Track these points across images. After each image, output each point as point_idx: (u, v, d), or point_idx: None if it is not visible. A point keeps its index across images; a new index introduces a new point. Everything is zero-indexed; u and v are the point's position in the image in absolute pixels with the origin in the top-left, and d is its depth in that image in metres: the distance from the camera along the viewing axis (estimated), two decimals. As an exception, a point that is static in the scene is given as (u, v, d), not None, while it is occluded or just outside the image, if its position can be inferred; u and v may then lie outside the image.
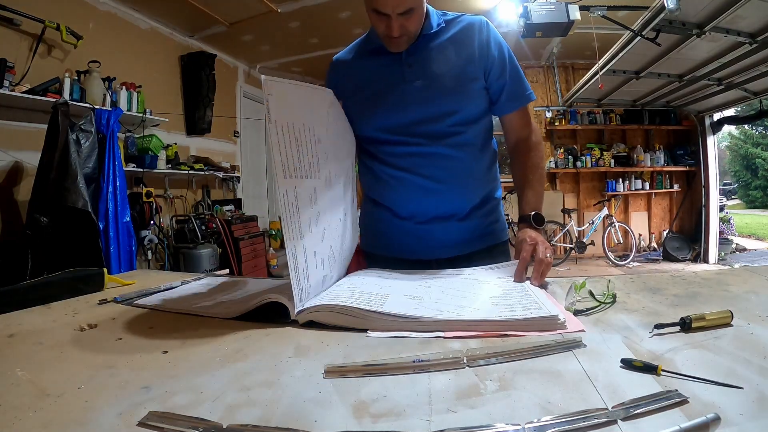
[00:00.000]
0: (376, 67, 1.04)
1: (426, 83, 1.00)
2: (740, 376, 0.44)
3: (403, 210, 1.07)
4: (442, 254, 1.06)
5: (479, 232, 1.09)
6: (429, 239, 1.06)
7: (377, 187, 1.10)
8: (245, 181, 5.33)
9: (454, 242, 1.07)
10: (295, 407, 0.42)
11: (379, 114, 1.03)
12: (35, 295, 0.82)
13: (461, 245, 1.07)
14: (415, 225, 1.06)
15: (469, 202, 1.07)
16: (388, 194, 1.08)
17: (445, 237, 1.06)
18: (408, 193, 1.04)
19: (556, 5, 2.98)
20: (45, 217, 2.34)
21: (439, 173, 1.02)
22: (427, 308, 0.66)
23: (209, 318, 0.71)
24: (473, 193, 1.07)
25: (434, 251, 1.06)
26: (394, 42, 0.97)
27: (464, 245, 1.07)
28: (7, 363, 0.54)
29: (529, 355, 0.52)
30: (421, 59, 1.01)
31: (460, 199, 1.05)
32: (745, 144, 15.34)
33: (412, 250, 1.07)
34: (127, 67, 3.55)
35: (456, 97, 1.01)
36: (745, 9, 2.70)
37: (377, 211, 1.12)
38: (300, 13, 4.13)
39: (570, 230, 5.84)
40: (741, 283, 0.78)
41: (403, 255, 1.08)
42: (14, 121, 2.72)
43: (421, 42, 1.01)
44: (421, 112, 1.01)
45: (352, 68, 1.08)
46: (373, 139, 1.07)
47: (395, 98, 1.01)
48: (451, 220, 1.06)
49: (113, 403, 0.43)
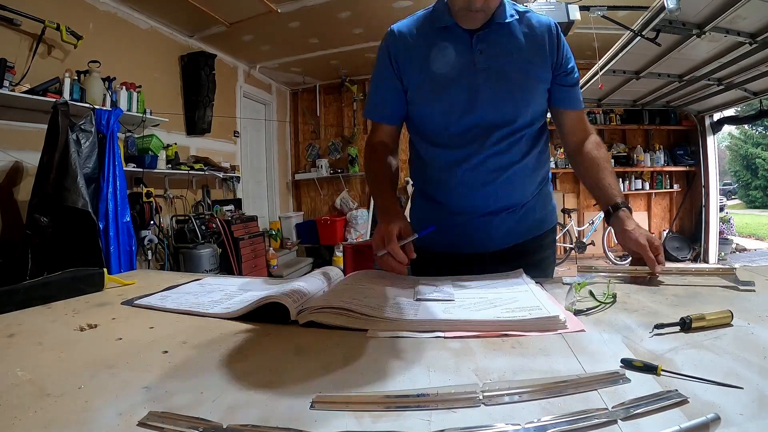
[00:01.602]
0: (443, 47, 0.95)
1: (496, 74, 0.95)
2: (740, 376, 0.44)
3: (456, 206, 1.04)
4: (496, 246, 1.04)
5: (532, 220, 1.07)
6: (484, 233, 1.04)
7: (430, 181, 1.07)
8: (245, 181, 5.33)
9: (508, 233, 1.05)
10: (295, 407, 0.42)
11: (440, 105, 0.97)
12: (35, 295, 0.82)
13: (515, 235, 1.05)
14: (469, 219, 1.04)
15: (525, 193, 1.05)
16: (441, 190, 1.05)
17: (500, 229, 1.04)
18: (462, 189, 1.02)
19: (556, 5, 2.98)
20: (45, 217, 2.33)
21: (495, 168, 0.99)
22: (426, 310, 0.66)
23: (209, 318, 0.71)
24: (529, 185, 1.05)
25: (489, 243, 1.04)
26: (471, 16, 0.90)
27: (518, 235, 1.05)
28: (7, 363, 0.54)
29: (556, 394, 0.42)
30: (494, 47, 0.95)
31: (516, 193, 1.04)
32: (745, 144, 15.33)
33: (468, 243, 1.05)
34: (127, 67, 3.55)
35: (523, 96, 0.97)
36: (745, 9, 2.70)
37: (430, 206, 1.09)
38: (300, 13, 4.12)
39: (570, 230, 5.83)
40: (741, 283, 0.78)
41: (457, 249, 1.05)
42: (14, 121, 2.72)
43: (492, 28, 0.95)
44: (488, 114, 0.96)
45: (417, 42, 0.99)
46: (429, 134, 1.02)
47: (464, 89, 0.95)
48: (506, 212, 1.03)
49: (113, 403, 0.43)
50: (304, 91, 6.57)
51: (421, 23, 1.01)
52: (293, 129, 6.68)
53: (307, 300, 0.72)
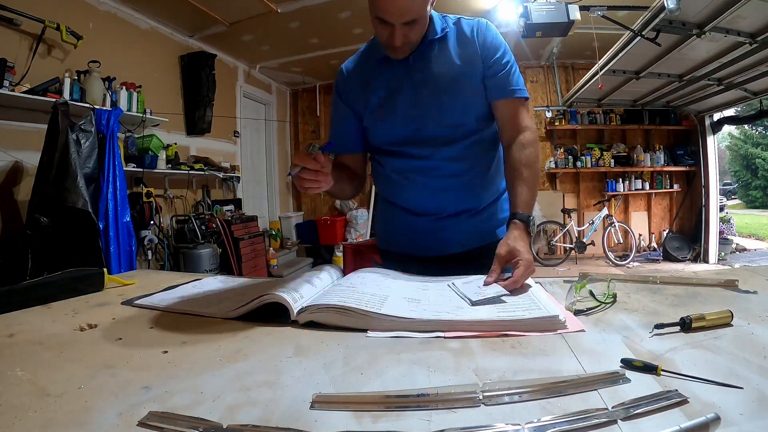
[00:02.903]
0: (384, 75, 1.04)
1: (434, 87, 1.01)
2: (740, 376, 0.44)
3: (418, 208, 1.08)
4: (456, 249, 1.07)
5: (493, 224, 1.10)
6: (444, 235, 1.07)
7: (391, 188, 1.11)
8: (245, 181, 5.33)
9: (469, 236, 1.07)
10: (295, 407, 0.42)
11: (390, 125, 1.04)
12: (35, 295, 0.82)
13: (476, 238, 1.08)
14: (430, 222, 1.07)
15: (484, 196, 1.08)
16: (402, 194, 1.09)
17: (461, 232, 1.07)
18: (422, 193, 1.06)
19: (556, 5, 2.98)
20: (45, 217, 2.33)
21: (452, 173, 1.03)
22: (426, 310, 0.66)
23: (209, 318, 0.71)
24: (488, 188, 1.08)
25: (449, 246, 1.07)
26: (396, 50, 0.97)
27: (479, 238, 1.08)
28: (7, 363, 0.54)
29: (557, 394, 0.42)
30: (429, 64, 1.01)
31: (475, 196, 1.07)
32: (745, 144, 15.32)
33: (428, 246, 1.08)
34: (127, 67, 3.55)
35: (465, 99, 1.01)
36: (745, 9, 2.70)
37: (392, 210, 1.13)
38: (300, 13, 4.12)
39: (570, 230, 5.83)
40: (741, 283, 0.78)
41: (419, 252, 1.09)
42: (14, 121, 2.72)
43: (426, 47, 1.01)
44: (431, 120, 1.01)
45: (363, 75, 1.08)
46: (386, 150, 1.08)
47: (405, 107, 1.02)
48: (466, 215, 1.06)
49: (113, 403, 0.43)
50: (304, 91, 6.57)
51: (364, 57, 1.10)
52: (293, 129, 6.68)
53: (307, 300, 0.72)
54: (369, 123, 1.07)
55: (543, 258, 5.85)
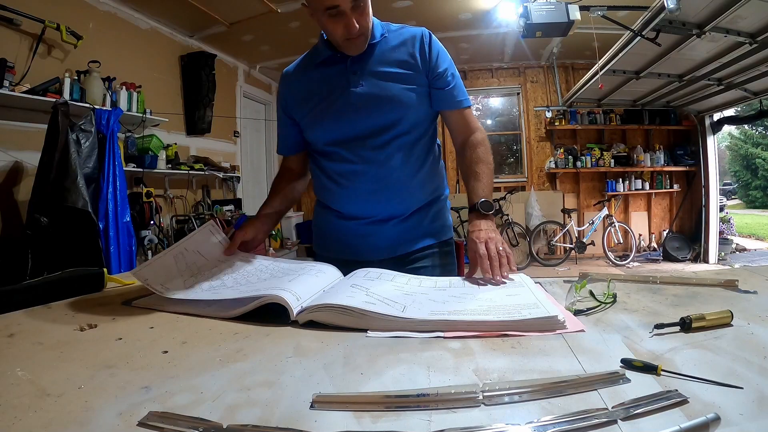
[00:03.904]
0: (322, 77, 1.07)
1: (370, 89, 1.03)
2: (740, 376, 0.44)
3: (348, 212, 1.11)
4: (385, 254, 1.09)
5: (421, 231, 1.12)
6: (372, 240, 1.10)
7: (324, 191, 1.15)
8: (245, 181, 5.33)
9: (397, 242, 1.10)
10: (295, 407, 0.42)
11: (326, 126, 1.06)
12: (35, 295, 0.82)
13: (404, 245, 1.10)
14: (358, 226, 1.10)
15: (412, 203, 1.10)
16: (334, 197, 1.12)
17: (388, 237, 1.09)
18: (352, 196, 1.08)
19: (556, 5, 2.98)
20: (45, 217, 2.33)
21: (382, 177, 1.05)
22: (423, 309, 0.66)
23: (209, 318, 0.71)
24: (417, 195, 1.10)
25: (377, 252, 1.09)
26: (353, 43, 0.99)
27: (406, 245, 1.10)
28: (7, 363, 0.54)
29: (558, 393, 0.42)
30: (365, 65, 1.04)
31: (403, 201, 1.09)
32: (745, 144, 15.32)
33: (356, 251, 1.11)
34: (127, 67, 3.55)
35: (399, 103, 1.03)
36: (745, 9, 2.70)
37: (325, 213, 1.17)
38: (300, 13, 4.12)
39: (570, 230, 5.83)
40: (741, 283, 0.78)
41: (348, 256, 1.09)
42: (14, 121, 2.72)
43: (365, 50, 1.04)
44: (365, 121, 1.03)
45: (301, 81, 1.11)
46: (321, 151, 1.11)
47: (341, 107, 1.04)
48: (393, 220, 1.09)
49: (113, 403, 0.43)
50: (304, 91, 6.57)
51: (305, 62, 1.13)
52: (293, 129, 6.68)
53: (307, 300, 0.72)
54: (305, 123, 1.10)
55: (543, 258, 5.85)
